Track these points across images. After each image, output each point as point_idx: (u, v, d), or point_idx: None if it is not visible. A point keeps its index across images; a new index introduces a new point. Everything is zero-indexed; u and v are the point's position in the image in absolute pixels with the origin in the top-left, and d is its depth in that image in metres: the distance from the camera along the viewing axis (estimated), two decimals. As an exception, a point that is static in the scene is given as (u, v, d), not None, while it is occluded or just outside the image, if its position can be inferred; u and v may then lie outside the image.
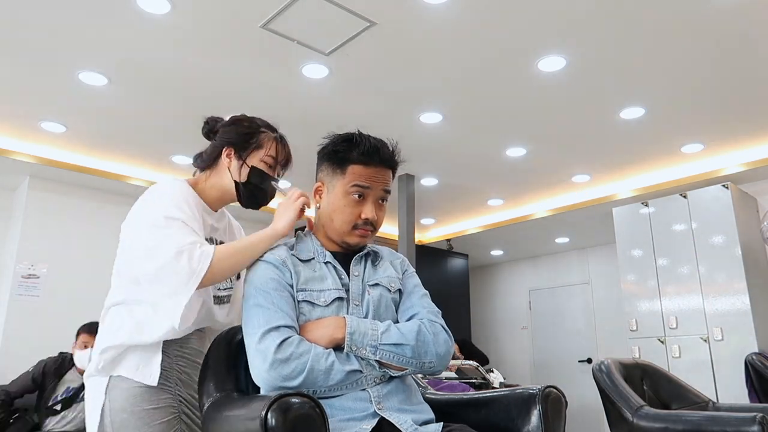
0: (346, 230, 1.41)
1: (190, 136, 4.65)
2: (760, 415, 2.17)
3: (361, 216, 1.40)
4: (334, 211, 1.42)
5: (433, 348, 1.33)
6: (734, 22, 3.16)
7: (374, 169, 1.41)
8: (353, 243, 1.43)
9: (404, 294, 1.47)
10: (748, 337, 4.59)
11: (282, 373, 1.21)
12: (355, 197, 1.40)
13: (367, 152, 1.41)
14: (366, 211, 1.40)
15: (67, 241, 5.23)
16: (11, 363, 4.64)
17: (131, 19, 3.12)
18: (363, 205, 1.41)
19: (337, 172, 1.43)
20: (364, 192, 1.40)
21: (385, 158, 1.43)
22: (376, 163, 1.42)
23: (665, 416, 2.47)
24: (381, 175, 1.42)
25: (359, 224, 1.41)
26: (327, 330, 1.29)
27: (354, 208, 1.40)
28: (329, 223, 1.43)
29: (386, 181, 1.44)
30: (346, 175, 1.41)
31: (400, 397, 1.31)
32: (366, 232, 1.42)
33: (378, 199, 1.43)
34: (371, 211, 1.41)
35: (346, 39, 3.30)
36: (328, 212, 1.43)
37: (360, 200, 1.40)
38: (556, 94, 3.95)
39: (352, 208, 1.40)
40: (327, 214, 1.44)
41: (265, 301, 1.30)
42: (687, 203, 5.16)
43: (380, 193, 1.43)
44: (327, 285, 1.37)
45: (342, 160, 1.42)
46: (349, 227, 1.41)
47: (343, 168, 1.41)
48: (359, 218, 1.40)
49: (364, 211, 1.40)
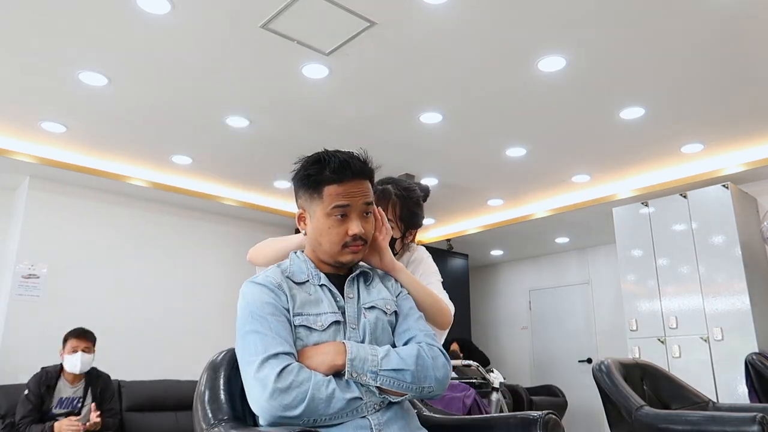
0: (337, 250, 1.39)
1: (190, 136, 4.66)
2: (760, 415, 2.17)
3: (348, 233, 1.38)
4: (321, 235, 1.39)
5: (432, 372, 1.31)
6: (734, 22, 3.16)
7: (350, 184, 1.39)
8: (347, 261, 1.41)
9: (400, 316, 1.45)
10: (748, 337, 4.59)
11: (282, 403, 1.18)
12: (338, 217, 1.38)
13: (338, 169, 1.38)
14: (352, 228, 1.38)
15: (67, 241, 5.23)
16: (11, 363, 4.65)
17: (131, 19, 3.12)
18: (348, 222, 1.38)
19: (314, 196, 1.40)
20: (345, 210, 1.38)
21: (357, 171, 1.40)
22: (350, 177, 1.39)
23: (665, 416, 2.47)
24: (358, 189, 1.40)
25: (348, 242, 1.38)
26: (327, 357, 1.26)
27: (339, 228, 1.38)
28: (318, 247, 1.41)
29: (365, 192, 1.41)
30: (324, 198, 1.38)
31: (400, 424, 1.30)
32: (357, 248, 1.40)
33: (362, 213, 1.41)
34: (357, 226, 1.38)
35: (346, 39, 3.30)
36: (314, 237, 1.41)
37: (344, 219, 1.38)
38: (556, 94, 3.95)
39: (337, 228, 1.38)
40: (314, 239, 1.42)
41: (261, 327, 1.27)
42: (687, 203, 5.16)
43: (362, 207, 1.40)
44: (323, 308, 1.35)
45: (316, 183, 1.39)
46: (338, 247, 1.39)
47: (319, 191, 1.39)
48: (347, 236, 1.38)
49: (350, 228, 1.38)
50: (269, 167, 5.27)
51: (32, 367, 3.76)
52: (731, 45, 3.38)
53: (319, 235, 1.40)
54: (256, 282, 1.36)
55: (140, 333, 5.41)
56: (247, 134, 4.57)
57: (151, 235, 5.77)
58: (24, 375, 4.14)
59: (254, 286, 1.35)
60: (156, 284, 5.68)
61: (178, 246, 5.95)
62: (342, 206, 1.37)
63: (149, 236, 5.75)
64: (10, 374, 4.45)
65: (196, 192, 5.67)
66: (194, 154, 4.97)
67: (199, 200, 5.79)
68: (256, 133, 4.56)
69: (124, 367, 4.80)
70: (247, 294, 1.35)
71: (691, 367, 4.80)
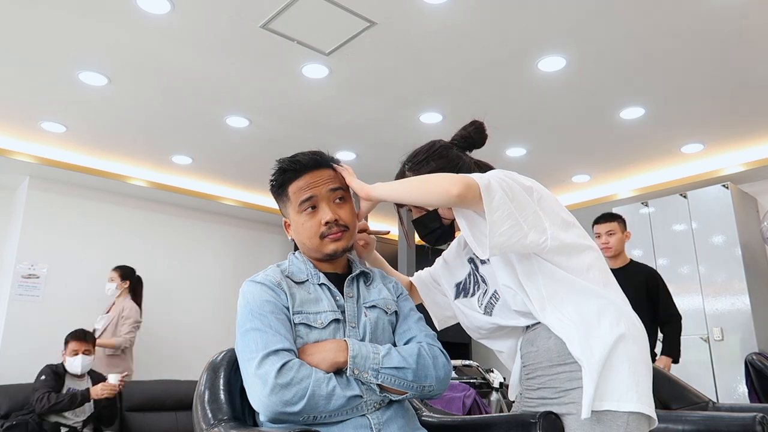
0: (317, 243, 1.41)
1: (190, 136, 4.66)
2: (760, 415, 2.16)
3: (321, 223, 1.40)
4: (300, 233, 1.43)
5: (433, 372, 1.33)
6: (734, 22, 3.16)
7: (308, 175, 1.43)
8: (331, 251, 1.41)
9: (400, 317, 1.46)
10: (748, 337, 4.59)
11: (283, 399, 1.19)
12: (308, 210, 1.41)
13: (293, 166, 1.43)
14: (323, 215, 1.40)
15: (67, 241, 5.23)
16: (11, 363, 4.65)
17: (131, 19, 3.12)
18: (318, 213, 1.41)
19: (284, 200, 1.46)
20: (313, 202, 1.41)
21: (309, 162, 1.44)
22: (305, 170, 1.43)
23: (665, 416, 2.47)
24: (319, 178, 1.43)
25: (324, 231, 1.40)
26: (328, 354, 1.27)
27: (312, 220, 1.41)
28: (303, 246, 1.45)
29: (327, 179, 1.43)
30: (291, 198, 1.43)
31: (400, 423, 1.31)
32: (337, 235, 1.41)
33: (332, 200, 1.43)
34: (328, 213, 1.40)
35: (346, 39, 3.30)
36: (298, 239, 1.45)
37: (314, 210, 1.41)
38: (556, 94, 3.95)
39: (310, 221, 1.41)
40: (298, 241, 1.46)
41: (262, 325, 1.28)
42: (687, 203, 5.16)
43: (329, 194, 1.42)
44: (323, 307, 1.36)
45: (281, 187, 1.45)
46: (317, 239, 1.40)
47: (285, 193, 1.44)
48: (321, 225, 1.40)
49: (322, 217, 1.40)
50: (269, 167, 5.19)
51: (32, 367, 3.76)
52: (731, 45, 3.38)
53: (299, 234, 1.44)
54: (255, 281, 1.38)
55: (140, 333, 5.41)
56: (247, 134, 4.57)
57: (151, 235, 5.77)
58: (24, 375, 4.14)
59: (254, 285, 1.36)
60: (156, 284, 5.67)
61: (178, 246, 5.94)
62: (307, 199, 1.41)
63: (149, 236, 5.75)
64: (10, 374, 4.45)
65: (196, 192, 5.67)
66: (194, 154, 4.97)
67: (199, 200, 5.78)
68: (256, 133, 4.56)
69: (124, 367, 4.80)
70: (247, 293, 1.36)
71: (691, 367, 4.80)
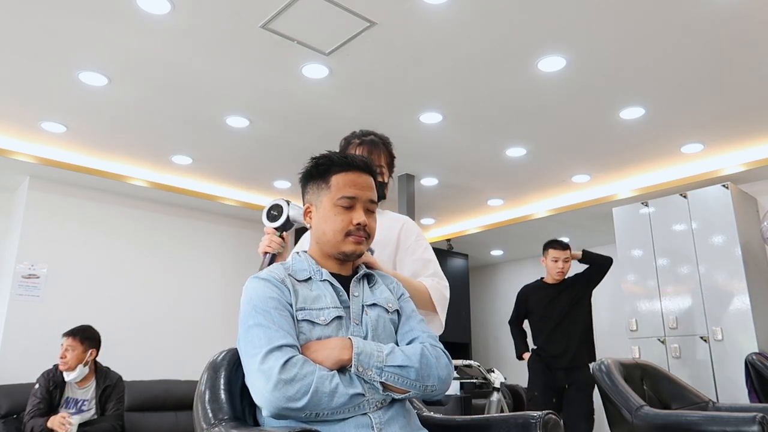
0: (340, 239, 1.42)
1: (190, 136, 4.66)
2: (760, 415, 2.17)
3: (352, 222, 1.41)
4: (325, 223, 1.43)
5: (435, 371, 1.33)
6: (734, 22, 3.16)
7: (356, 174, 1.45)
8: (349, 251, 1.42)
9: (402, 317, 1.47)
10: (748, 337, 4.59)
11: (286, 394, 1.19)
12: (344, 207, 1.42)
13: (345, 160, 1.46)
14: (356, 217, 1.41)
15: (67, 241, 5.23)
16: (11, 363, 4.65)
17: (131, 19, 3.12)
18: (353, 212, 1.42)
19: (321, 186, 1.46)
20: (352, 202, 1.43)
21: (361, 163, 1.47)
22: (356, 168, 1.46)
23: (665, 416, 2.47)
24: (365, 182, 1.46)
25: (352, 230, 1.41)
26: (333, 351, 1.28)
27: (344, 216, 1.42)
28: (322, 236, 1.44)
29: (370, 188, 1.47)
30: (331, 187, 1.44)
31: (401, 422, 1.31)
32: (360, 238, 1.42)
33: (366, 208, 1.45)
34: (362, 216, 1.42)
35: (346, 39, 3.30)
36: (319, 226, 1.45)
37: (349, 209, 1.43)
38: (556, 94, 3.95)
39: (342, 215, 1.42)
40: (319, 229, 1.45)
41: (265, 320, 1.28)
42: (687, 203, 5.16)
43: (367, 203, 1.45)
44: (326, 303, 1.36)
45: (324, 172, 1.46)
46: (342, 235, 1.41)
47: (327, 179, 1.45)
48: (351, 224, 1.41)
49: (355, 217, 1.41)
50: (269, 167, 5.27)
51: (32, 367, 3.76)
52: (731, 45, 3.38)
53: (324, 223, 1.43)
54: (259, 277, 1.38)
55: (140, 333, 5.42)
56: (247, 134, 4.57)
57: (151, 235, 5.77)
58: (24, 375, 4.14)
59: (258, 281, 1.37)
60: (156, 284, 5.68)
61: (178, 246, 5.94)
62: (349, 197, 1.42)
63: (149, 236, 5.75)
64: (10, 374, 4.45)
65: (196, 192, 5.67)
66: (194, 154, 4.97)
67: (199, 200, 5.79)
68: (256, 133, 4.56)
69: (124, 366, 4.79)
70: (251, 289, 1.36)
71: (691, 367, 4.80)
